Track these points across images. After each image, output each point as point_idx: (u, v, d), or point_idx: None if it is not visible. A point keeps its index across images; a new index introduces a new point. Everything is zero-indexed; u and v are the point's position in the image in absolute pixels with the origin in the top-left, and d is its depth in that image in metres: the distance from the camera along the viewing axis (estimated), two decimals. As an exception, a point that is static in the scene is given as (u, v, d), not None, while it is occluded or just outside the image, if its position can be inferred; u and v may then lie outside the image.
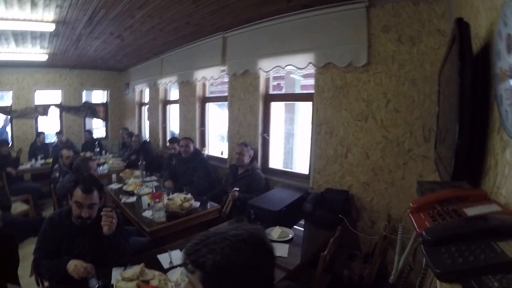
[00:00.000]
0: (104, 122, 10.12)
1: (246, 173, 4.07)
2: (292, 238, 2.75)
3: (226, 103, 5.05)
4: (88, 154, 7.17)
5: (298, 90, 4.83)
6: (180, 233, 3.24)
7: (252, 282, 0.96)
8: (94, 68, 9.12)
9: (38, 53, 6.39)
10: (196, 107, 5.79)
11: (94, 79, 9.46)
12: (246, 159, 4.09)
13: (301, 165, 4.35)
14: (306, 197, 3.44)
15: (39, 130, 8.25)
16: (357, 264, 3.01)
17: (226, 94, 5.04)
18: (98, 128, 10.37)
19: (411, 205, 1.17)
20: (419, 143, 2.96)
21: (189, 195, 3.57)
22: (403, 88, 3.02)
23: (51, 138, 8.67)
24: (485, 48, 1.35)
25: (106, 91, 9.94)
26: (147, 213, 3.35)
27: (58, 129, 8.92)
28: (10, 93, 8.32)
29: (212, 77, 5.13)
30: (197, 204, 3.58)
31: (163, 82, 6.91)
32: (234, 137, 4.89)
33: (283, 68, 3.93)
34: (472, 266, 0.73)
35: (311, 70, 3.73)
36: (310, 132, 3.84)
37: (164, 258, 2.40)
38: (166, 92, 7.35)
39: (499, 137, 1.15)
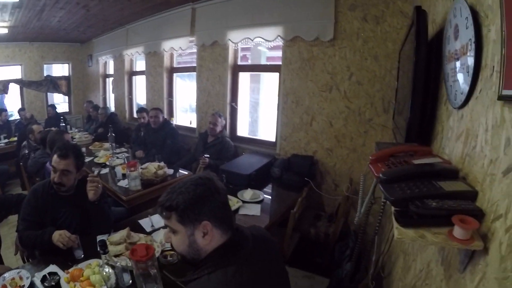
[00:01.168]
0: (67, 97, 9.73)
1: (216, 141, 4.20)
2: (263, 199, 2.96)
3: (191, 74, 5.14)
4: (53, 129, 7.02)
5: (263, 62, 4.96)
6: (155, 200, 3.14)
7: (215, 206, 1.16)
8: (56, 41, 8.65)
9: None
10: (164, 78, 5.81)
11: (55, 51, 9.01)
12: (218, 129, 4.22)
13: (267, 132, 4.52)
14: (274, 162, 3.67)
15: (0, 108, 7.70)
16: (323, 223, 3.28)
17: (193, 65, 5.10)
18: (60, 103, 9.91)
19: (371, 157, 1.37)
20: (379, 113, 3.22)
21: (162, 163, 3.65)
22: (366, 63, 3.23)
23: (12, 116, 8.28)
24: (439, 33, 1.54)
25: (68, 64, 9.51)
26: (122, 183, 3.43)
27: (19, 106, 8.44)
28: None
29: (180, 48, 5.14)
30: (171, 171, 3.70)
31: (129, 53, 6.76)
32: (203, 106, 5.00)
33: (252, 40, 4.05)
34: (417, 194, 0.95)
35: (279, 42, 3.87)
36: (276, 101, 4.01)
37: (145, 223, 2.48)
38: (132, 63, 7.19)
39: (445, 108, 1.40)
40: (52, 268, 1.84)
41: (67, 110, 9.76)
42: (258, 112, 5.06)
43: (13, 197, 2.77)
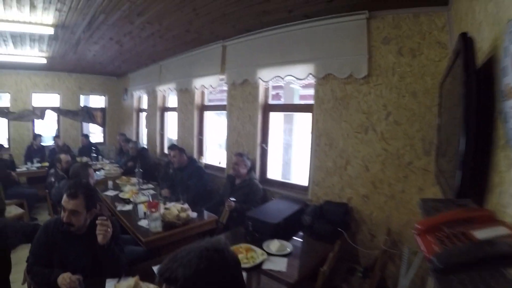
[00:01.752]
0: (102, 128, 10.08)
1: (244, 184, 4.02)
2: (290, 253, 2.71)
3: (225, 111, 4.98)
4: (84, 159, 7.29)
5: (297, 100, 4.81)
6: (176, 243, 3.16)
7: (221, 283, 1.04)
8: (93, 73, 9.13)
9: (36, 56, 6.33)
10: (195, 115, 5.75)
11: (92, 83, 9.44)
12: (242, 170, 4.05)
13: (300, 176, 4.31)
14: (305, 209, 3.40)
15: (36, 133, 8.10)
16: (357, 278, 2.97)
17: (225, 102, 5.00)
18: (95, 133, 10.35)
19: (418, 226, 1.13)
20: (419, 156, 2.93)
21: (186, 205, 3.51)
22: (403, 100, 2.99)
23: (47, 141, 8.63)
24: (488, 62, 1.33)
25: (104, 96, 9.91)
26: (143, 222, 3.31)
27: (55, 132, 8.90)
28: (8, 95, 8.34)
29: (210, 86, 5.06)
30: (194, 214, 3.53)
31: (161, 89, 6.84)
32: (233, 146, 4.85)
33: (283, 79, 3.89)
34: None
35: (311, 80, 3.70)
36: (309, 143, 3.79)
37: None
38: (164, 99, 7.27)
39: (504, 155, 1.14)
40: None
41: (102, 141, 10.06)
42: (291, 154, 4.85)
43: (29, 226, 2.73)
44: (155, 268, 2.33)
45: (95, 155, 7.48)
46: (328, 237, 3.02)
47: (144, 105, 8.35)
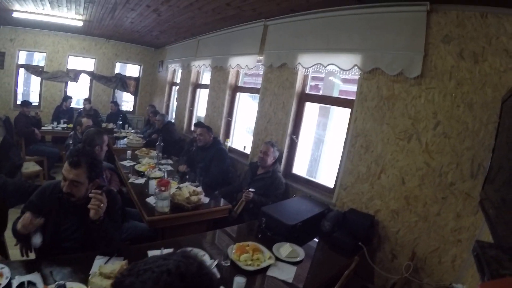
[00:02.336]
0: (134, 97, 10.17)
1: (266, 175, 3.74)
2: (301, 260, 2.41)
3: (258, 95, 4.71)
4: (111, 125, 7.44)
5: (335, 95, 4.42)
6: (182, 227, 3.02)
7: None
8: (131, 42, 9.24)
9: (73, 18, 6.31)
10: (226, 95, 5.50)
11: (129, 52, 9.54)
12: (270, 160, 3.77)
13: (327, 176, 3.96)
14: (327, 213, 3.07)
15: (67, 95, 8.22)
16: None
17: (259, 86, 4.71)
18: (127, 101, 10.46)
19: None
20: (464, 177, 2.54)
21: (199, 188, 3.30)
22: (457, 111, 2.60)
23: (78, 103, 8.82)
24: None
25: (140, 66, 9.94)
26: (151, 200, 3.12)
27: (86, 96, 8.92)
28: (44, 55, 8.49)
29: (247, 66, 4.77)
30: (207, 199, 3.30)
31: (196, 65, 6.65)
32: (261, 133, 4.56)
33: (325, 67, 3.53)
34: None
35: (355, 75, 3.36)
36: (343, 142, 3.46)
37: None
38: (198, 75, 7.11)
39: None
40: (34, 277, 1.72)
41: (132, 110, 10.18)
42: (321, 151, 4.46)
43: (30, 187, 2.59)
44: (150, 253, 2.15)
45: (121, 122, 7.45)
46: (346, 250, 2.71)
47: (178, 79, 8.23)
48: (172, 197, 3.02)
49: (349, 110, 3.45)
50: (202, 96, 6.98)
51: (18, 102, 7.44)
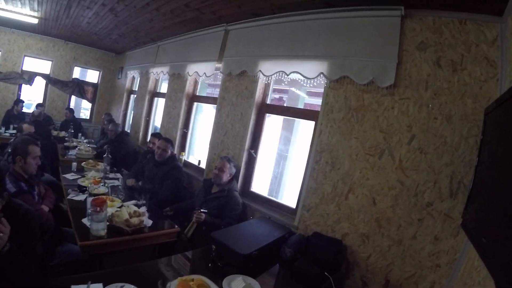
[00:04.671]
0: (91, 104, 9.68)
1: (221, 194, 3.36)
2: (256, 298, 2.02)
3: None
4: (63, 133, 6.94)
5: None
6: (124, 253, 2.62)
7: None
8: (90, 45, 8.79)
9: (27, 15, 5.92)
10: (183, 105, 5.13)
11: (88, 56, 9.14)
12: (226, 177, 3.41)
13: (290, 196, 3.63)
14: (288, 238, 2.72)
15: (19, 98, 7.74)
16: None
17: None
18: (87, 109, 10.03)
19: None
20: (443, 197, 2.27)
21: (142, 209, 2.90)
22: (434, 124, 2.34)
23: (30, 108, 8.34)
24: None
25: (99, 72, 9.49)
26: (87, 221, 2.68)
27: (40, 101, 8.45)
28: None
29: (205, 74, 4.44)
30: (150, 222, 2.84)
31: (154, 72, 6.28)
32: (217, 147, 4.20)
33: (288, 75, 3.22)
34: None
35: (321, 88, 3.05)
36: (306, 158, 3.12)
37: None
38: (156, 83, 6.74)
39: None
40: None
41: (88, 118, 9.72)
42: (284, 168, 4.07)
43: None
44: None
45: (72, 131, 6.88)
46: (310, 281, 2.33)
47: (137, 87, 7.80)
48: (110, 219, 2.60)
49: (313, 123, 3.14)
50: (160, 105, 6.60)
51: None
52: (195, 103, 5.19)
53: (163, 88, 6.55)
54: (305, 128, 3.86)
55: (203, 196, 3.49)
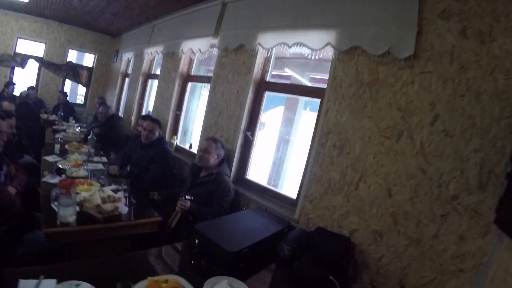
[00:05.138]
0: (85, 88, 9.49)
1: (209, 178, 3.01)
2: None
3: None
4: (53, 117, 6.75)
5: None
6: (98, 244, 2.36)
7: None
8: (85, 27, 8.58)
9: None
10: (176, 85, 4.80)
11: (83, 39, 8.93)
12: (213, 160, 3.06)
13: (290, 185, 3.25)
14: (287, 233, 2.35)
15: (10, 81, 7.62)
16: None
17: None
18: (83, 95, 9.87)
19: None
20: (471, 189, 1.87)
21: (119, 194, 2.56)
22: (461, 102, 1.95)
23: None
24: None
25: (94, 55, 9.26)
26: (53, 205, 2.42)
27: (32, 84, 8.29)
28: None
29: (199, 50, 4.13)
30: (125, 209, 2.49)
31: (149, 52, 6.02)
32: (210, 129, 3.84)
33: (290, 47, 2.82)
34: None
35: (324, 74, 2.70)
36: (310, 141, 2.74)
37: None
38: (150, 64, 6.47)
39: None
40: None
41: (82, 102, 9.58)
42: (285, 153, 3.61)
43: None
44: (22, 283, 1.46)
45: (62, 114, 6.57)
46: (311, 286, 1.96)
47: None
48: (81, 204, 2.28)
49: (319, 101, 2.76)
50: (155, 89, 6.30)
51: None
52: (190, 84, 4.89)
53: (158, 70, 6.25)
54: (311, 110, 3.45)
55: (190, 182, 3.16)
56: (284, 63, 3.51)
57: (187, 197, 2.72)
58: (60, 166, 3.39)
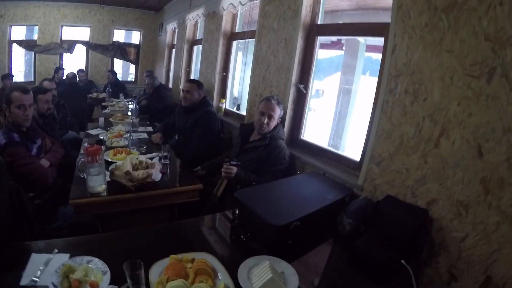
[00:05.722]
0: (134, 65, 9.76)
1: (261, 143, 2.63)
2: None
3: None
4: (103, 95, 7.04)
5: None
6: (132, 215, 2.24)
7: None
8: (127, 6, 8.80)
9: None
10: (220, 45, 4.49)
11: (127, 17, 9.12)
12: (273, 125, 2.66)
13: (354, 145, 2.78)
14: (348, 203, 1.95)
15: (58, 66, 7.95)
16: None
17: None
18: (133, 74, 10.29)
19: None
20: None
21: (155, 160, 2.50)
22: None
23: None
24: None
25: (140, 32, 9.50)
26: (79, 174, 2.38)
27: (83, 67, 8.68)
28: (36, 28, 8.22)
29: (240, 2, 3.81)
30: (159, 176, 2.27)
31: (191, 17, 5.86)
32: (258, 86, 3.48)
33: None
34: None
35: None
36: (376, 88, 2.27)
37: (34, 264, 1.34)
38: (194, 30, 6.28)
39: None
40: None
41: (133, 80, 9.86)
42: (347, 108, 3.07)
43: None
44: (35, 257, 1.38)
45: (110, 90, 6.87)
46: (378, 271, 1.56)
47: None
48: (111, 173, 2.16)
49: (382, 39, 2.26)
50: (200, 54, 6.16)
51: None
52: (234, 42, 4.55)
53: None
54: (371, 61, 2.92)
55: (239, 146, 2.82)
56: (337, 16, 3.02)
57: (232, 162, 2.46)
58: (100, 138, 3.33)
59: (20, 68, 8.56)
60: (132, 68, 9.81)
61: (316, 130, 3.12)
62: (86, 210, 2.11)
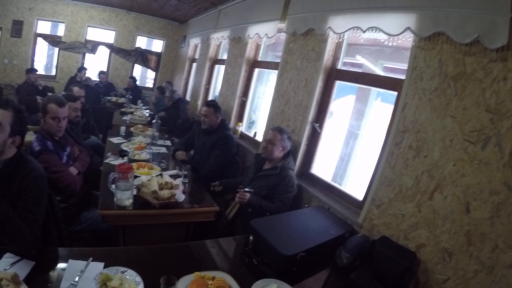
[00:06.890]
0: (154, 72, 10.00)
1: (273, 172, 2.84)
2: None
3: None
4: (122, 100, 7.30)
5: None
6: (152, 228, 2.46)
7: None
8: (152, 15, 9.07)
9: None
10: (242, 71, 4.68)
11: (151, 26, 9.43)
12: (277, 152, 2.88)
13: (356, 184, 2.97)
14: (347, 238, 2.15)
15: (82, 66, 8.15)
16: None
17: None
18: (152, 79, 10.41)
19: None
20: None
21: (178, 180, 2.63)
22: None
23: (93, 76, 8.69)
24: None
25: (163, 41, 9.80)
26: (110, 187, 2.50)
27: (104, 69, 8.92)
28: (63, 25, 8.51)
29: (266, 35, 3.97)
30: (182, 196, 2.50)
31: (215, 37, 6.02)
32: (276, 118, 3.68)
33: (364, 32, 2.55)
34: None
35: (400, 63, 2.42)
36: (383, 139, 2.48)
37: (72, 269, 1.50)
38: (217, 49, 6.48)
39: None
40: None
41: (151, 87, 10.07)
42: (353, 148, 3.28)
43: None
44: (71, 263, 1.54)
45: (130, 97, 7.13)
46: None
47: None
48: (138, 190, 2.34)
49: (395, 94, 2.48)
50: (221, 74, 6.27)
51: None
52: (256, 69, 4.74)
53: (225, 55, 6.20)
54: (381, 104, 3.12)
55: (253, 173, 3.02)
56: (356, 50, 3.22)
57: (246, 189, 2.62)
58: (123, 148, 3.55)
59: (41, 60, 8.83)
60: (150, 73, 10.04)
61: (324, 164, 3.32)
62: (112, 221, 2.28)
